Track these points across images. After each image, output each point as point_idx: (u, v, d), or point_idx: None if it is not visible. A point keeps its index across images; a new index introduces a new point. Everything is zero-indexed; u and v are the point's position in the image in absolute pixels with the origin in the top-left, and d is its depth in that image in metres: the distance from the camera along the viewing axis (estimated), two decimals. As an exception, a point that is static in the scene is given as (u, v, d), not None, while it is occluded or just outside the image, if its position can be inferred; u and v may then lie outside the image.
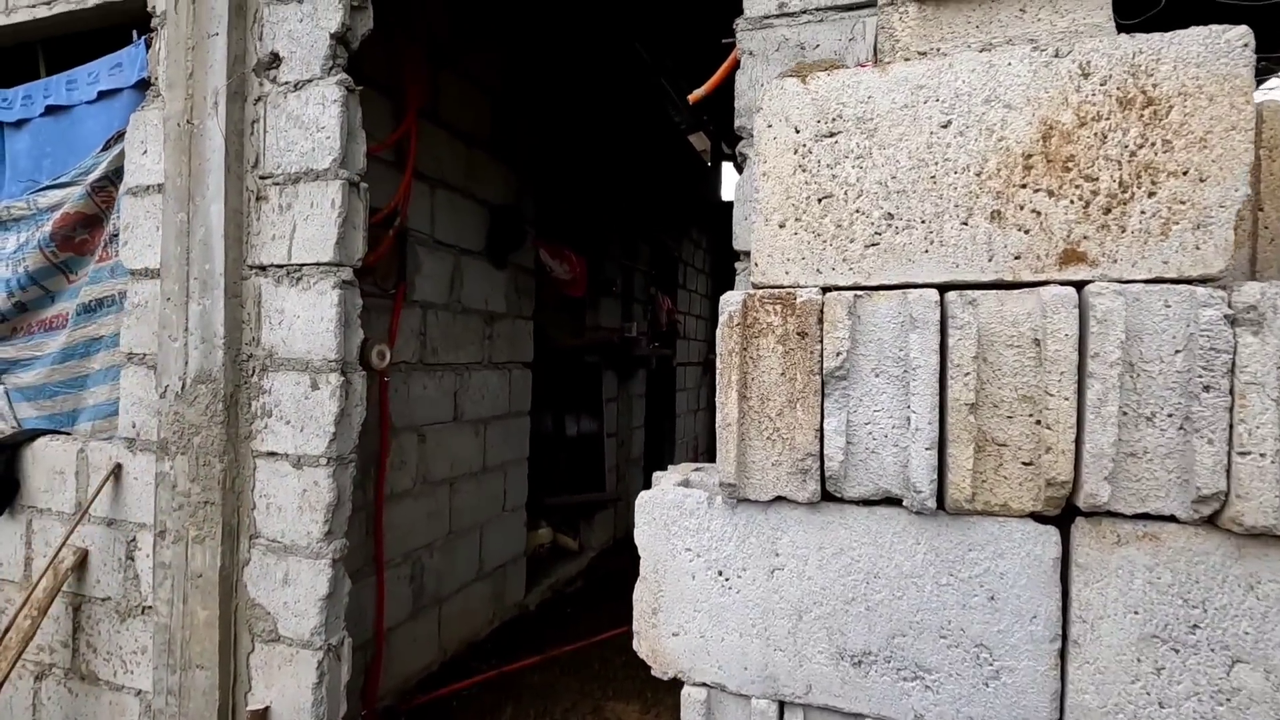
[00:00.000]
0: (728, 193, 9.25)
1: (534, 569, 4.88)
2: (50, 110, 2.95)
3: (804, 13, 1.90)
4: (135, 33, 2.73)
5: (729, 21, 2.07)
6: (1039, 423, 0.89)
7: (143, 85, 2.71)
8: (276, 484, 2.46)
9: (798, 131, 0.98)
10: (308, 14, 2.39)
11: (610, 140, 5.67)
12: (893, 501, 0.97)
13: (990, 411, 0.90)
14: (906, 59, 0.98)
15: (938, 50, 0.99)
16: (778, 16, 1.92)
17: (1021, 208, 0.89)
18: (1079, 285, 0.89)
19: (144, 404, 2.64)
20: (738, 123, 1.98)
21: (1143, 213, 0.86)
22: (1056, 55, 0.88)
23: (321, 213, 2.39)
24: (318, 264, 2.39)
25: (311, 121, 2.39)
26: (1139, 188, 0.86)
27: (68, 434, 2.93)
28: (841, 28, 1.86)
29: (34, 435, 2.93)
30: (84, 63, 2.90)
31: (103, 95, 2.83)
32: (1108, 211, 0.87)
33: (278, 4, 2.43)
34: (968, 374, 0.89)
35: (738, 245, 1.98)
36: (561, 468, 5.41)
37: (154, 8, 2.62)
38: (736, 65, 2.03)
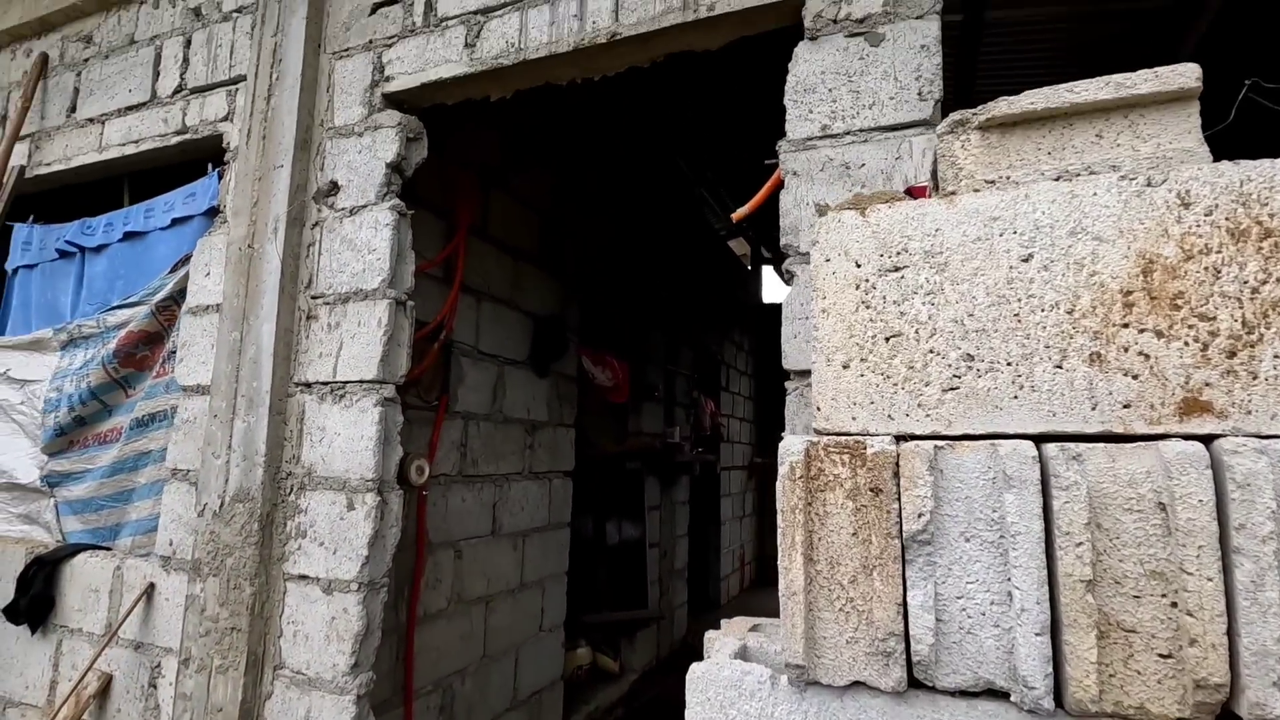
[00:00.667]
0: (768, 295, 9.29)
1: (571, 694, 4.54)
2: (128, 236, 3.14)
3: (847, 134, 1.89)
4: (210, 165, 2.92)
5: (766, 135, 2.09)
6: (1175, 606, 0.74)
7: (212, 212, 2.87)
8: (305, 610, 2.35)
9: (859, 266, 0.91)
10: (366, 146, 2.52)
11: (653, 248, 5.78)
12: (998, 694, 0.81)
13: (1111, 589, 0.76)
14: (976, 189, 0.91)
15: (1007, 179, 0.92)
16: (821, 138, 1.92)
17: (1126, 350, 0.79)
18: (1207, 440, 0.77)
19: (182, 521, 2.61)
20: (783, 240, 1.94)
21: (1277, 357, 0.75)
22: (1149, 184, 0.80)
23: (368, 331, 2.41)
24: (361, 381, 2.39)
25: (364, 244, 2.46)
26: (1268, 328, 0.75)
27: (108, 549, 2.91)
28: (887, 147, 1.84)
29: (76, 551, 2.91)
30: (160, 188, 3.11)
31: (176, 222, 3.01)
32: (1232, 355, 0.76)
33: (339, 138, 2.58)
34: (1080, 544, 0.76)
35: (787, 364, 1.89)
36: (602, 581, 5.15)
37: (228, 143, 2.81)
38: (779, 184, 2.03)
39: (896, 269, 0.89)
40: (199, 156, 3.00)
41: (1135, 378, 0.78)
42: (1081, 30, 3.88)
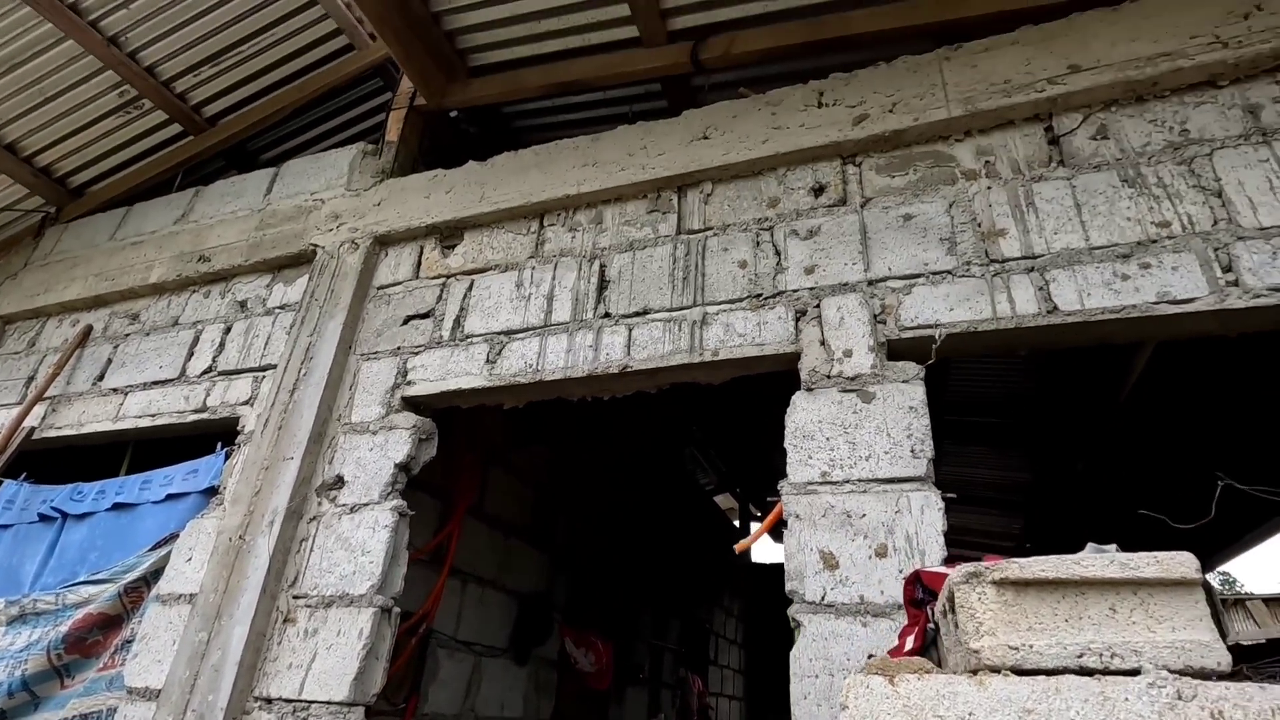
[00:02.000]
0: (758, 554, 9.06)
1: None
2: (116, 506, 3.08)
3: (847, 483, 1.98)
4: (220, 444, 2.98)
5: (753, 400, 2.21)
6: None
7: (210, 491, 2.86)
8: None
9: (892, 742, 0.88)
10: (379, 444, 2.60)
11: (643, 511, 5.75)
12: None
13: None
14: (1003, 663, 0.92)
15: (1030, 647, 0.94)
16: (821, 484, 2.00)
17: None
18: None
19: None
20: (789, 586, 1.93)
21: None
22: (1180, 698, 0.81)
23: (347, 642, 2.26)
24: (329, 703, 2.18)
25: (359, 545, 2.42)
26: None
27: None
28: (886, 500, 1.91)
29: None
30: (161, 456, 3.13)
31: (170, 497, 2.97)
32: None
33: (353, 434, 2.67)
34: None
35: (802, 731, 1.76)
36: None
37: (243, 427, 2.89)
38: (780, 519, 2.07)
39: (932, 752, 0.86)
40: (211, 432, 3.07)
41: None
42: (1038, 355, 4.32)
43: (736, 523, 8.82)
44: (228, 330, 3.24)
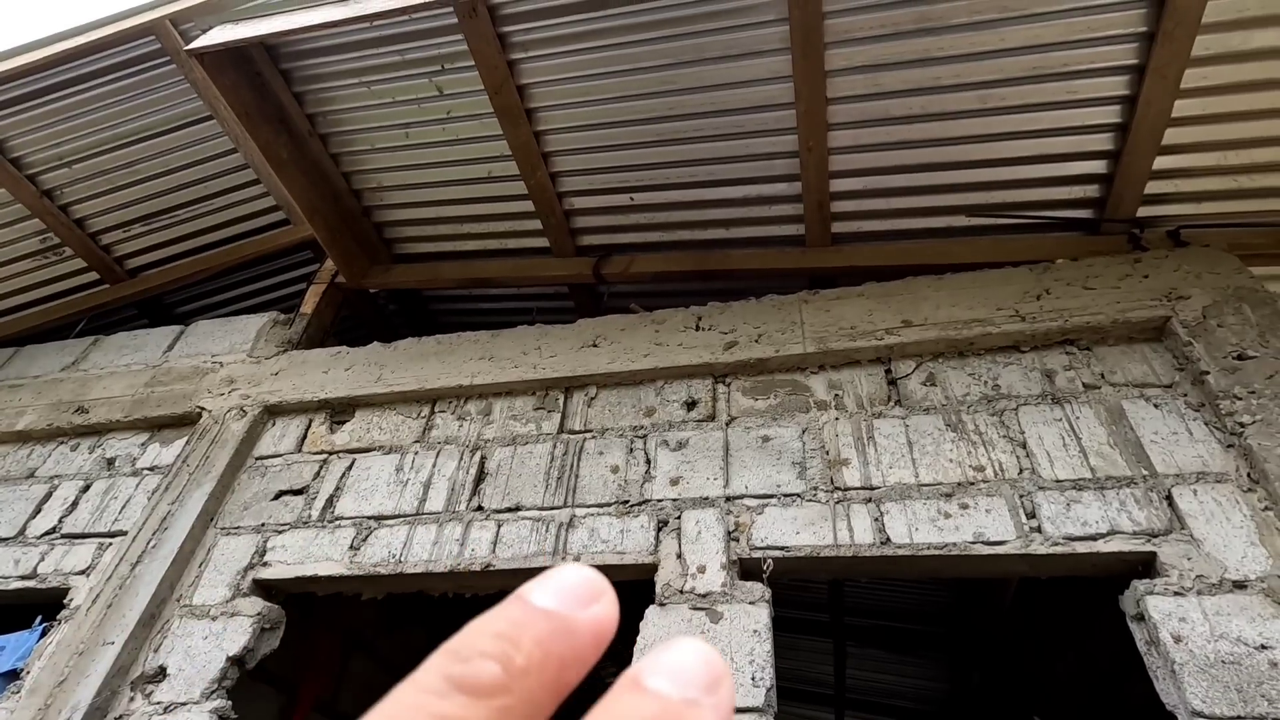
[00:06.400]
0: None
1: None
2: (-107, 687, 2.68)
3: (689, 710, 1.94)
4: (39, 618, 2.70)
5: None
6: None
7: (12, 675, 2.54)
8: None
9: None
10: (215, 633, 2.41)
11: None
12: None
13: None
14: None
15: None
16: (664, 709, 1.95)
17: None
18: None
19: None
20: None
21: None
22: None
23: None
24: None
25: (162, 755, 2.16)
26: None
27: None
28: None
29: None
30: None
31: (-39, 680, 2.62)
32: None
33: (190, 618, 2.48)
34: None
35: None
36: None
37: (71, 600, 2.65)
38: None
39: None
40: (38, 601, 2.79)
41: None
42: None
43: (639, 720, 8.15)
44: (86, 488, 3.07)
